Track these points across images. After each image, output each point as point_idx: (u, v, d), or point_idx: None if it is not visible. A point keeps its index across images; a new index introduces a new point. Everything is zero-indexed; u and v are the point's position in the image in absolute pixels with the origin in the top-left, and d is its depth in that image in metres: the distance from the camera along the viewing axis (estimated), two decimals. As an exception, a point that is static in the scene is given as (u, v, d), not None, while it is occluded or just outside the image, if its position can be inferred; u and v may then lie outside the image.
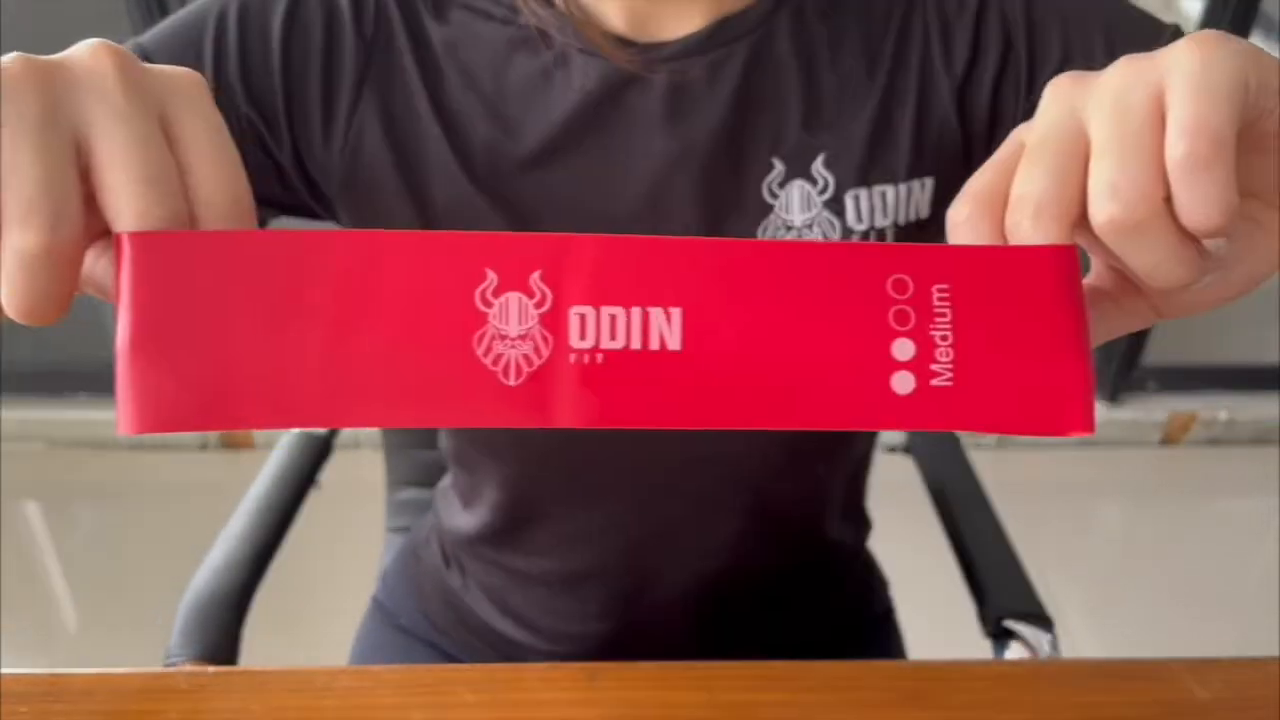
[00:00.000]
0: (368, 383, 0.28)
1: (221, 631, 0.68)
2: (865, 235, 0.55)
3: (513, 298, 0.29)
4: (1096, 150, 0.29)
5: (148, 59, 0.52)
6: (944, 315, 0.29)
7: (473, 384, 0.28)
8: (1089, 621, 1.61)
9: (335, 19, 0.54)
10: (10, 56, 0.28)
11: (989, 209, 0.31)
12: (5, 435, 1.88)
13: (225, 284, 0.28)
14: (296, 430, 0.89)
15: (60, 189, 0.27)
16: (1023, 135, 0.32)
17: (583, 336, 0.29)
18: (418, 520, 0.85)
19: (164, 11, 1.54)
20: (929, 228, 0.57)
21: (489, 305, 0.29)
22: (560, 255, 0.29)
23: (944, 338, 0.29)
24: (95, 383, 1.93)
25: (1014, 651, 0.70)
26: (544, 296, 0.29)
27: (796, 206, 0.54)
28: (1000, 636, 0.72)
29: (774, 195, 0.54)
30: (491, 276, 0.29)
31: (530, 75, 0.54)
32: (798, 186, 0.54)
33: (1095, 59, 0.54)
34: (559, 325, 0.29)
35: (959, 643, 0.75)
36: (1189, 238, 0.29)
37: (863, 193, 0.55)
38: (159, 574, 1.24)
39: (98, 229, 0.29)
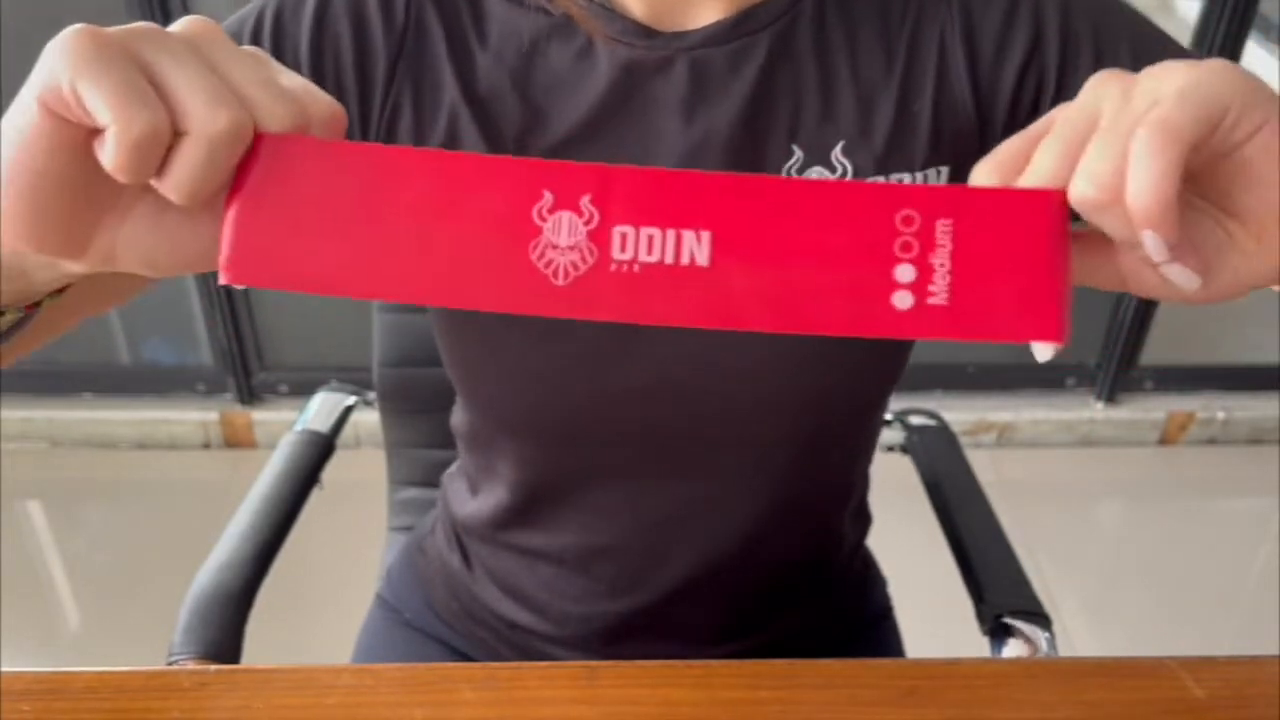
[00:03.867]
0: (436, 271, 0.34)
1: (224, 630, 0.68)
2: None
3: (564, 216, 0.33)
4: (1093, 138, 0.33)
5: None
6: (944, 246, 0.33)
7: (526, 281, 0.34)
8: (1086, 620, 1.62)
9: (363, 14, 0.55)
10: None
11: (1008, 174, 0.35)
12: (8, 434, 1.88)
13: (324, 180, 0.33)
14: (299, 429, 0.89)
15: (231, 93, 0.32)
16: (1057, 114, 0.35)
17: (623, 250, 0.34)
18: (420, 519, 0.85)
19: (165, 13, 1.54)
20: None
21: (544, 220, 0.33)
22: (608, 182, 0.33)
23: (942, 264, 0.33)
24: (98, 382, 1.93)
25: (1011, 649, 0.71)
26: (592, 216, 0.33)
27: None
28: (998, 634, 0.72)
29: None
30: (547, 196, 0.33)
31: (559, 63, 0.55)
32: (816, 173, 0.55)
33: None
34: (603, 240, 0.33)
35: (957, 641, 0.75)
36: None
37: (880, 180, 0.55)
38: (162, 572, 1.24)
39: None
